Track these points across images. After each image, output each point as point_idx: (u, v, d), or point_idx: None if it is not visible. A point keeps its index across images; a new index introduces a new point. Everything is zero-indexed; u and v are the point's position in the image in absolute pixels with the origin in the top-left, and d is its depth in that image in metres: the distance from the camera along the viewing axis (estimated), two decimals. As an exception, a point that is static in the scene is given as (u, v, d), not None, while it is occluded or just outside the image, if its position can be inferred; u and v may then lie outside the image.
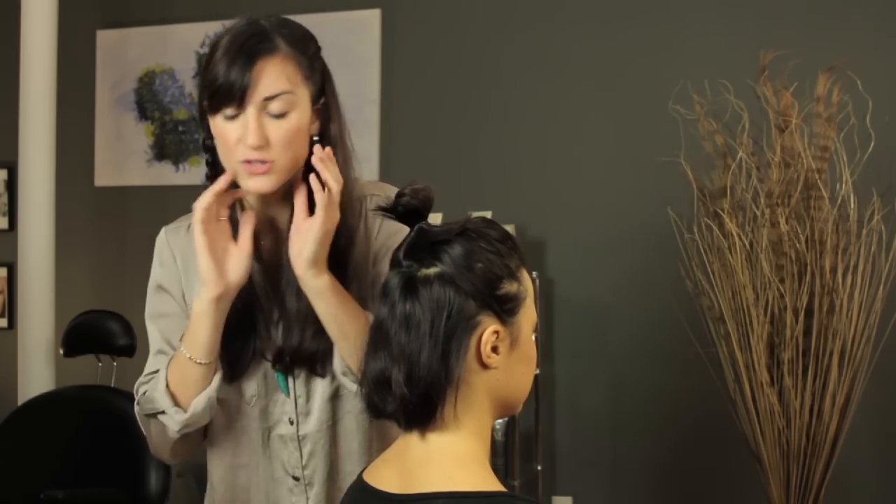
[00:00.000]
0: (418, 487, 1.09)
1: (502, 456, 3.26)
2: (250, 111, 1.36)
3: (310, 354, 1.45)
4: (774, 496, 2.70)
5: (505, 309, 1.11)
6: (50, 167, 3.54)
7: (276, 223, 1.48)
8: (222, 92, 1.36)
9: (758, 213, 2.69)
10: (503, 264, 1.12)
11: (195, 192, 1.60)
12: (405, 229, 1.16)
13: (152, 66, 4.03)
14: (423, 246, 1.12)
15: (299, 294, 1.42)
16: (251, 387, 1.49)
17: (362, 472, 1.20)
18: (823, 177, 2.67)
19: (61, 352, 3.27)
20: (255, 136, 1.35)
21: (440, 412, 1.10)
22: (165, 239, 1.54)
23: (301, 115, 1.40)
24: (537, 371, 2.68)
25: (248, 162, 1.37)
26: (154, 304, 1.54)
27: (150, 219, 1.57)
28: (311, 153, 1.40)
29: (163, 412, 1.43)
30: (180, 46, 3.98)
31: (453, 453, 1.10)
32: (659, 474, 3.41)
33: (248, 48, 1.37)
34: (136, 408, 1.49)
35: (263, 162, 1.37)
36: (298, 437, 1.50)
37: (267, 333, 1.47)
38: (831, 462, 2.68)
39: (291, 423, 1.50)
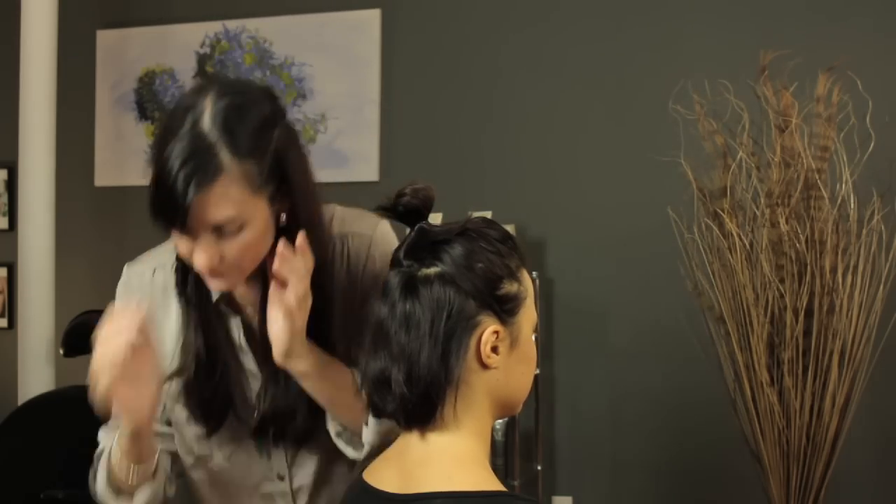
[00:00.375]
0: (418, 487, 1.09)
1: (502, 456, 3.26)
2: (200, 239, 1.24)
3: (298, 432, 1.39)
4: (774, 496, 2.70)
5: (505, 309, 1.11)
6: (50, 167, 3.54)
7: (255, 285, 1.38)
8: (164, 219, 1.23)
9: (758, 213, 2.69)
10: (503, 264, 1.12)
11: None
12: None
13: (152, 66, 4.03)
14: (423, 245, 1.12)
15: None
16: (232, 445, 1.43)
17: (362, 471, 1.20)
18: (823, 177, 2.67)
19: (61, 352, 3.27)
20: (206, 263, 1.25)
21: (440, 412, 1.10)
22: (129, 282, 1.47)
23: (257, 225, 1.26)
24: (537, 371, 2.68)
25: (204, 275, 1.29)
26: None
27: (150, 219, 1.56)
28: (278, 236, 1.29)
29: None
30: (180, 46, 3.98)
31: (453, 453, 1.10)
32: (659, 474, 3.41)
33: (187, 176, 1.19)
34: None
35: (217, 277, 1.28)
36: (292, 490, 1.45)
37: (247, 398, 1.41)
38: (831, 462, 2.68)
39: (281, 478, 1.45)
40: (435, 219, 1.17)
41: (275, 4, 3.85)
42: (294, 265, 1.27)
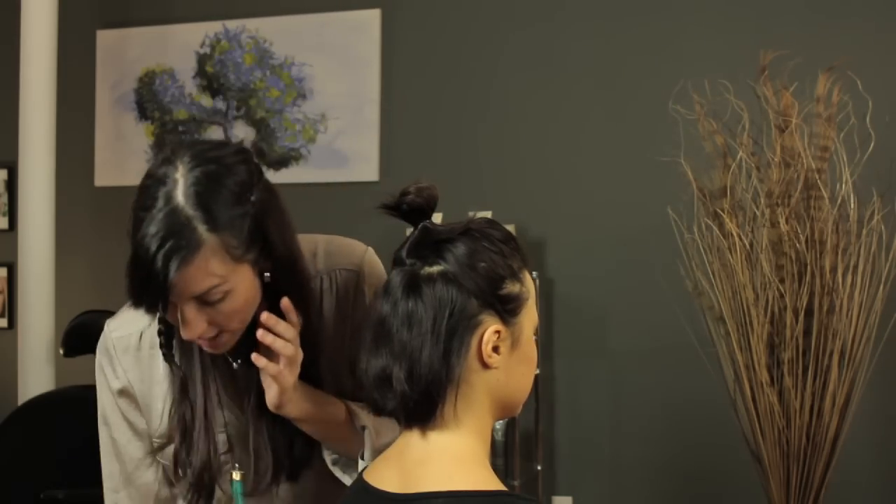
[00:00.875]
0: (418, 487, 1.09)
1: (502, 456, 3.27)
2: (185, 307, 1.22)
3: (295, 463, 1.39)
4: (774, 496, 2.70)
5: (507, 309, 1.11)
6: (50, 167, 3.54)
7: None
8: (147, 300, 1.21)
9: (758, 213, 2.69)
10: (506, 264, 1.12)
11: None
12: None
13: (152, 66, 4.03)
14: (426, 244, 1.12)
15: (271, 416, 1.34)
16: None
17: (362, 471, 1.20)
18: (823, 177, 2.67)
19: (61, 352, 3.27)
20: (195, 333, 1.23)
21: (440, 410, 1.10)
22: (114, 346, 1.43)
23: (241, 291, 1.24)
24: (537, 371, 2.68)
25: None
26: (116, 419, 1.44)
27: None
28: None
29: None
30: (180, 46, 3.98)
31: (454, 452, 1.10)
32: (659, 474, 3.41)
33: (165, 256, 1.17)
34: None
35: (210, 343, 1.27)
36: None
37: (230, 447, 1.39)
38: (831, 462, 2.68)
39: None
40: (435, 219, 1.18)
41: (275, 4, 3.85)
42: (279, 329, 1.27)
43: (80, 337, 3.21)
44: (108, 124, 4.10)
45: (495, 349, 1.11)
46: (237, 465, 1.37)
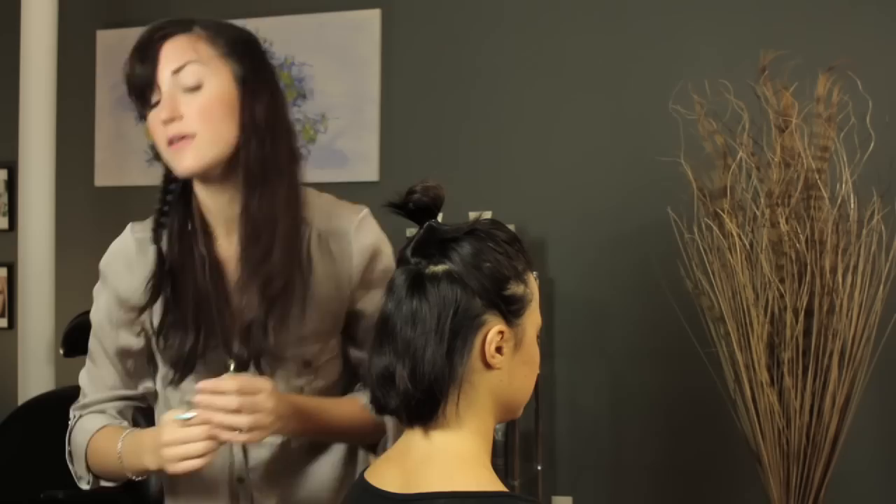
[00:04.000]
0: (420, 487, 1.09)
1: (502, 456, 3.26)
2: (165, 90, 1.37)
3: (276, 354, 1.43)
4: (774, 496, 2.70)
5: (511, 310, 1.12)
6: (50, 167, 3.54)
7: (225, 217, 1.44)
8: (136, 74, 1.38)
9: (758, 213, 2.69)
10: (511, 265, 1.13)
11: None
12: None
13: (152, 66, 4.03)
14: (431, 243, 1.12)
15: (252, 295, 1.39)
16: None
17: (363, 471, 1.21)
18: (823, 177, 2.67)
19: (61, 352, 3.27)
20: (167, 108, 1.35)
21: (442, 410, 1.10)
22: (136, 249, 1.51)
23: (218, 87, 1.37)
24: (538, 371, 2.68)
25: (171, 142, 1.37)
26: (103, 312, 1.52)
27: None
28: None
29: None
30: (180, 46, 3.97)
31: (455, 452, 1.11)
32: (659, 474, 3.41)
33: (148, 35, 1.41)
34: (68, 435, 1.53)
35: (183, 137, 1.36)
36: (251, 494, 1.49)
37: (217, 333, 1.43)
38: (831, 462, 2.68)
39: (241, 480, 1.48)
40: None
41: (275, 4, 3.85)
42: (226, 404, 1.30)
43: (80, 337, 3.20)
44: (108, 124, 4.10)
45: (498, 350, 1.11)
46: (235, 355, 1.41)
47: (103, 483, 1.52)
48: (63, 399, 3.00)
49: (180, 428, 1.30)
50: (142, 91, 1.37)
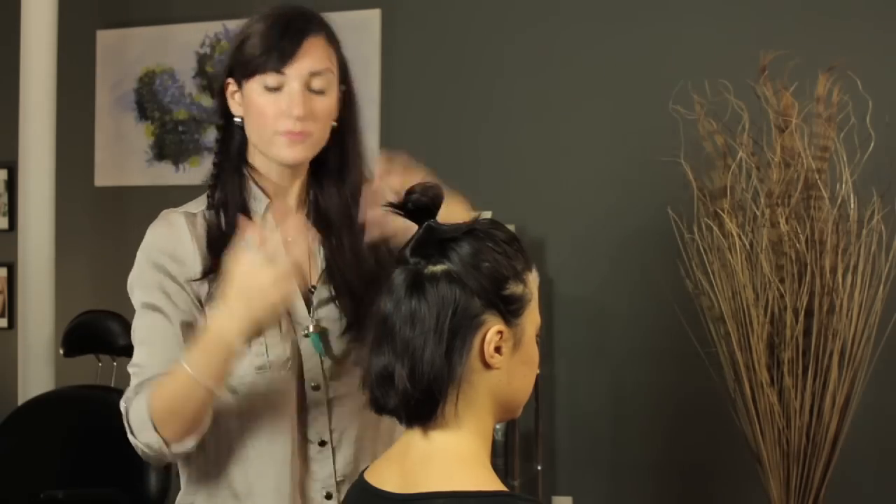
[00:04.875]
0: (419, 487, 1.09)
1: (502, 456, 3.26)
2: (295, 85, 1.44)
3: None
4: (774, 496, 2.70)
5: (510, 310, 1.12)
6: (50, 167, 3.54)
7: (289, 204, 1.54)
8: (272, 55, 1.43)
9: (758, 213, 2.69)
10: (510, 265, 1.13)
11: (195, 192, 1.60)
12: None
13: (152, 66, 4.03)
14: (430, 243, 1.12)
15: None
16: (285, 349, 1.48)
17: (363, 471, 1.21)
18: (823, 177, 2.67)
19: (61, 352, 3.27)
20: (303, 106, 1.44)
21: (441, 410, 1.10)
22: (184, 221, 1.51)
23: (334, 96, 1.51)
24: (538, 371, 2.68)
25: (289, 133, 1.45)
26: (149, 288, 1.49)
27: (150, 219, 1.56)
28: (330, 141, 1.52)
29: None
30: (180, 46, 3.98)
31: (455, 452, 1.11)
32: (659, 474, 3.41)
33: (298, 24, 1.46)
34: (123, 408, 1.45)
35: (304, 133, 1.46)
36: (328, 399, 1.51)
37: (303, 304, 1.50)
38: (831, 462, 2.68)
39: (316, 388, 1.50)
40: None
41: (276, 4, 3.85)
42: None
43: (80, 337, 3.22)
44: (108, 124, 4.10)
45: (497, 350, 1.11)
46: (315, 320, 1.50)
47: (175, 447, 1.41)
48: (63, 399, 3.01)
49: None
50: (269, 63, 1.44)
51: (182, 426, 1.39)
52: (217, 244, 1.47)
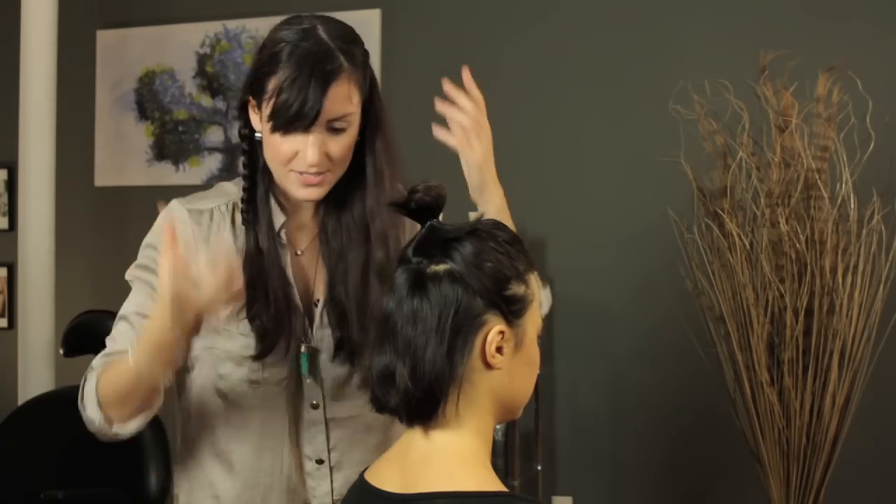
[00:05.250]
0: (419, 487, 1.09)
1: (502, 456, 3.26)
2: (316, 132, 1.40)
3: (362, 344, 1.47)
4: (774, 496, 2.70)
5: (512, 310, 1.12)
6: (50, 167, 3.54)
7: (304, 219, 1.53)
8: (293, 117, 1.37)
9: (758, 213, 2.69)
10: (512, 265, 1.13)
11: (195, 192, 1.60)
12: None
13: (152, 66, 4.03)
14: (433, 243, 1.13)
15: (349, 284, 1.47)
16: (283, 369, 1.48)
17: (364, 471, 1.21)
18: (823, 177, 2.67)
19: (61, 352, 3.27)
20: (317, 157, 1.40)
21: (442, 409, 1.10)
22: (189, 220, 1.50)
23: (355, 130, 1.45)
24: (538, 372, 2.68)
25: (302, 174, 1.41)
26: (143, 267, 1.49)
27: (150, 219, 1.56)
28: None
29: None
30: (180, 46, 3.97)
31: (455, 452, 1.11)
32: (659, 474, 3.41)
33: (320, 73, 1.38)
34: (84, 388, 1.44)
35: (319, 174, 1.42)
36: (326, 419, 1.51)
37: (303, 321, 1.49)
38: (831, 462, 2.68)
39: (315, 407, 1.50)
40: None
41: (275, 4, 3.84)
42: (461, 102, 1.54)
43: (80, 337, 3.21)
44: (108, 124, 4.10)
45: (499, 350, 1.11)
46: (308, 339, 1.48)
47: (117, 429, 1.41)
48: (63, 399, 3.00)
49: None
50: (291, 123, 1.38)
51: (126, 411, 1.40)
52: (254, 266, 1.46)
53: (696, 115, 2.82)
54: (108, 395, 1.39)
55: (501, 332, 1.11)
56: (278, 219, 1.50)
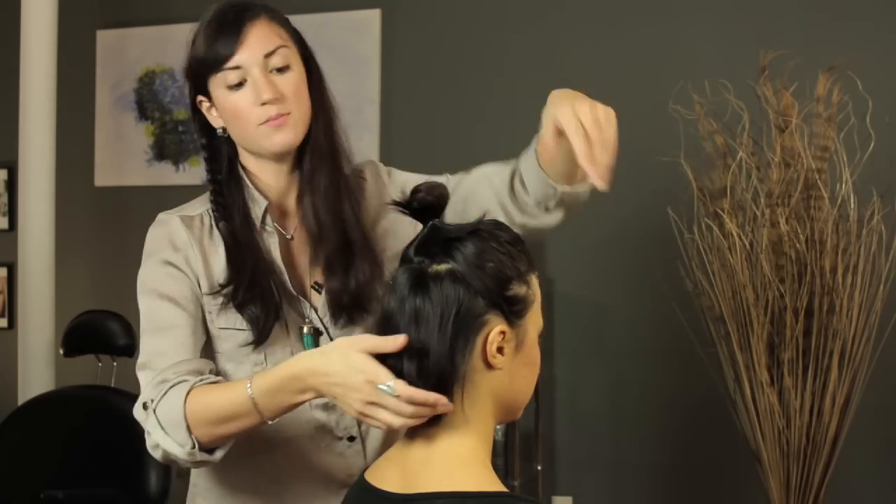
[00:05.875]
0: (420, 487, 1.09)
1: (502, 456, 3.26)
2: (255, 71, 1.43)
3: (358, 294, 1.47)
4: (774, 496, 2.70)
5: (513, 310, 1.12)
6: (50, 167, 3.54)
7: (288, 204, 1.53)
8: (218, 49, 1.44)
9: (758, 213, 2.69)
10: (514, 266, 1.13)
11: (195, 192, 1.60)
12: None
13: (152, 66, 4.03)
14: (435, 242, 1.13)
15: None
16: (283, 358, 1.45)
17: (364, 471, 1.21)
18: (823, 177, 2.67)
19: (61, 352, 3.27)
20: (270, 89, 1.42)
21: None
22: (182, 225, 1.50)
23: (299, 69, 1.48)
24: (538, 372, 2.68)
25: (268, 120, 1.43)
26: (159, 279, 1.48)
27: (150, 219, 1.57)
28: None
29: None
30: (180, 46, 3.90)
31: (456, 452, 1.11)
32: (659, 474, 3.41)
33: (234, 13, 1.46)
34: (142, 414, 1.40)
35: (281, 115, 1.44)
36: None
37: (298, 304, 1.49)
38: (831, 462, 2.68)
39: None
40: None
41: (274, 4, 3.84)
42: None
43: (80, 337, 3.21)
44: (108, 124, 4.09)
45: (500, 350, 1.11)
46: (308, 320, 1.49)
47: (201, 455, 1.36)
48: (63, 399, 3.01)
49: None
50: (215, 68, 1.44)
51: (218, 437, 1.35)
52: (235, 257, 1.46)
53: (696, 115, 2.82)
54: (201, 419, 1.34)
55: (503, 333, 1.11)
56: (260, 204, 1.51)
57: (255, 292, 1.45)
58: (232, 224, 1.49)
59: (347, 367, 1.17)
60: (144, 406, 1.39)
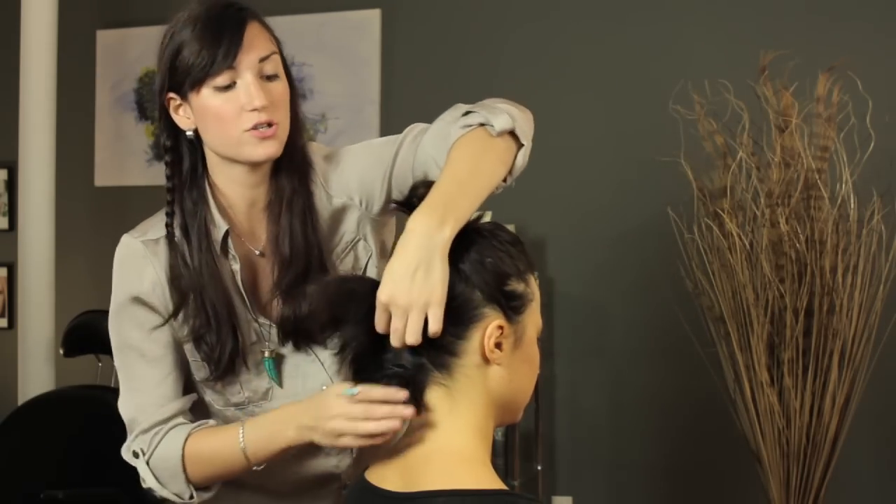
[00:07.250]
0: (420, 485, 1.09)
1: (502, 456, 3.27)
2: (248, 76, 1.35)
3: (304, 321, 1.42)
4: (774, 496, 2.70)
5: (511, 306, 1.12)
6: (50, 167, 3.54)
7: (247, 202, 1.45)
8: (217, 55, 1.33)
9: (758, 213, 2.69)
10: (513, 263, 1.14)
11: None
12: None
13: (152, 66, 4.01)
14: None
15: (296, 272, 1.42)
16: (262, 381, 1.46)
17: (364, 470, 1.21)
18: (823, 177, 2.67)
19: (61, 352, 3.27)
20: (262, 96, 1.34)
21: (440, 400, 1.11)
22: (144, 251, 1.47)
23: (285, 81, 1.41)
24: (538, 372, 2.68)
25: (256, 128, 1.35)
26: (129, 328, 1.49)
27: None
28: None
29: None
30: (180, 46, 3.97)
31: (455, 451, 1.11)
32: (659, 474, 3.41)
33: (231, 15, 1.36)
34: (132, 459, 1.44)
35: (271, 124, 1.35)
36: None
37: (252, 330, 1.44)
38: (831, 462, 2.68)
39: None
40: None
41: (275, 4, 3.83)
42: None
43: (80, 337, 3.21)
44: (108, 124, 4.10)
45: (497, 345, 1.11)
46: (268, 345, 1.44)
47: (199, 497, 1.42)
48: (63, 399, 3.01)
49: (352, 403, 1.21)
50: (215, 66, 1.33)
51: (211, 479, 1.41)
52: (184, 281, 1.42)
53: (696, 115, 2.82)
54: (197, 466, 1.40)
55: (500, 328, 1.11)
56: (220, 227, 1.43)
57: (210, 323, 1.41)
58: (188, 243, 1.42)
59: (318, 398, 1.27)
60: (135, 455, 1.43)
